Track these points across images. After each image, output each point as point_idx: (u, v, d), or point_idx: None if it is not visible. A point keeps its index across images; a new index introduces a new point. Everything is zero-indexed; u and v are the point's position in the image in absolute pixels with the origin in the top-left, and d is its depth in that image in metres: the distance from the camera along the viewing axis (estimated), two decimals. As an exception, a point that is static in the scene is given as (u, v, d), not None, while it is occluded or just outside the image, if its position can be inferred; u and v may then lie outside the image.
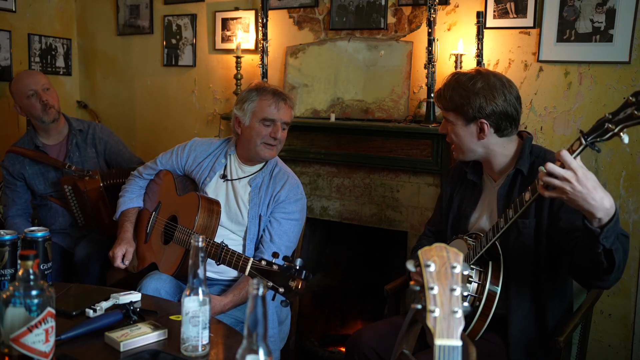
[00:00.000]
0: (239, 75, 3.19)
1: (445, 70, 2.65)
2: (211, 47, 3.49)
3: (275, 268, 1.67)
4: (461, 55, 2.60)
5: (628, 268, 2.34)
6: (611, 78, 2.39)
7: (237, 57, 3.18)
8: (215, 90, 3.50)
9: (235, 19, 3.34)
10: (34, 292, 1.17)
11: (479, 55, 2.56)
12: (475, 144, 1.77)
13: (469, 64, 2.59)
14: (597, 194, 1.35)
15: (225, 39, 3.40)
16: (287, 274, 1.63)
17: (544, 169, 1.38)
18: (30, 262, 1.17)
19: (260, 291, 0.97)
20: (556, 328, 1.72)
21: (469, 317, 1.68)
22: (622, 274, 1.52)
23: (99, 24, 3.97)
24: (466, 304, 0.90)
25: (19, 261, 1.22)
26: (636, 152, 2.37)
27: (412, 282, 0.96)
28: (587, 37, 2.41)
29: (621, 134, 1.30)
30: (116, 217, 2.38)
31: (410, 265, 0.97)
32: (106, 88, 4.00)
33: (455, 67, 2.59)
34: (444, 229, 1.99)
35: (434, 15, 2.61)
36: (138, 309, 1.60)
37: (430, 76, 2.62)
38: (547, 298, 1.72)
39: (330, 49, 3.00)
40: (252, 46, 3.27)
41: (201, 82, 3.56)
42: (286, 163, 2.37)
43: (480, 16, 2.56)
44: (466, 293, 1.10)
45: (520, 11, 2.54)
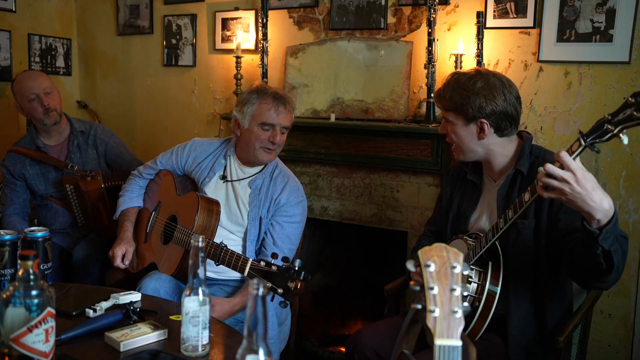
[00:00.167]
0: (239, 75, 3.19)
1: (445, 70, 2.65)
2: (211, 47, 3.49)
3: (274, 269, 1.67)
4: (461, 55, 2.59)
5: (628, 268, 2.34)
6: (611, 78, 2.39)
7: (237, 57, 3.18)
8: (215, 90, 3.50)
9: (235, 19, 3.34)
10: (34, 292, 1.17)
11: (479, 55, 2.56)
12: (476, 144, 1.77)
13: (469, 64, 2.59)
14: (596, 195, 1.35)
15: (225, 39, 3.40)
16: (286, 274, 1.64)
17: (543, 169, 1.38)
18: (30, 262, 1.17)
19: (261, 291, 0.98)
20: (556, 328, 1.72)
21: (468, 317, 1.68)
22: (621, 275, 1.52)
23: (99, 24, 3.97)
24: (466, 304, 0.90)
25: (19, 261, 1.22)
26: (636, 152, 2.37)
27: (412, 282, 0.96)
28: (587, 37, 2.41)
29: (621, 135, 1.30)
30: (116, 217, 2.38)
31: (410, 265, 0.97)
32: (106, 88, 4.00)
33: (455, 67, 2.59)
34: (443, 229, 1.99)
35: (434, 15, 2.61)
36: (138, 309, 1.60)
37: (430, 76, 2.62)
38: (547, 298, 1.72)
39: (330, 49, 3.00)
40: (252, 46, 3.27)
41: (201, 82, 3.56)
42: (286, 163, 2.37)
43: (480, 16, 2.55)
44: (466, 293, 1.10)
45: (520, 11, 2.54)
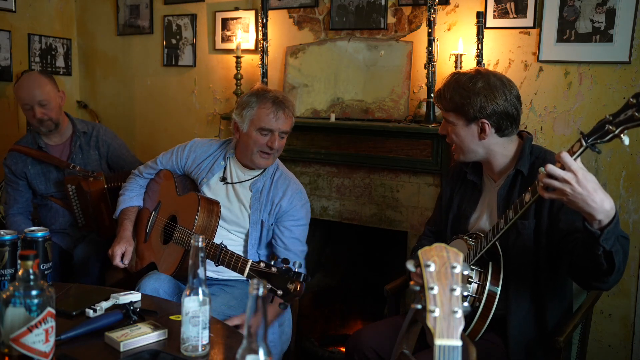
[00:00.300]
0: (239, 75, 3.19)
1: (445, 70, 2.65)
2: (211, 47, 3.49)
3: (274, 270, 1.66)
4: (461, 55, 2.59)
5: (628, 268, 2.34)
6: (611, 78, 2.39)
7: (237, 57, 3.17)
8: (215, 90, 3.50)
9: (235, 19, 3.34)
10: (34, 292, 1.17)
11: (479, 55, 2.56)
12: (476, 144, 1.77)
13: (469, 64, 2.59)
14: (597, 196, 1.35)
15: (225, 39, 3.40)
16: (286, 276, 1.63)
17: (544, 170, 1.38)
18: (30, 262, 1.17)
19: (261, 291, 0.98)
20: (556, 328, 1.72)
21: (468, 317, 1.68)
22: (621, 276, 1.52)
23: (99, 24, 3.96)
24: (466, 304, 0.90)
25: (19, 261, 1.22)
26: (636, 152, 2.37)
27: (412, 282, 0.96)
28: (587, 37, 2.41)
29: (622, 135, 1.29)
30: (116, 215, 2.37)
31: (410, 265, 0.97)
32: (106, 88, 4.00)
33: (455, 67, 2.59)
34: (443, 229, 1.99)
35: (434, 15, 2.61)
36: (138, 309, 1.60)
37: (430, 76, 2.62)
38: (547, 298, 1.72)
39: (330, 49, 3.00)
40: (252, 46, 3.27)
41: (201, 82, 3.56)
42: (286, 163, 2.37)
43: (480, 16, 2.55)
44: (466, 293, 1.10)
45: (520, 11, 2.54)
